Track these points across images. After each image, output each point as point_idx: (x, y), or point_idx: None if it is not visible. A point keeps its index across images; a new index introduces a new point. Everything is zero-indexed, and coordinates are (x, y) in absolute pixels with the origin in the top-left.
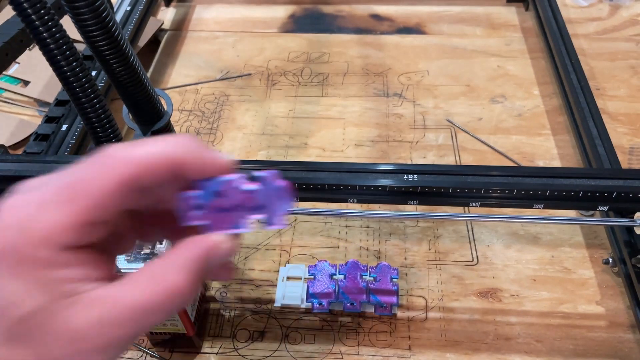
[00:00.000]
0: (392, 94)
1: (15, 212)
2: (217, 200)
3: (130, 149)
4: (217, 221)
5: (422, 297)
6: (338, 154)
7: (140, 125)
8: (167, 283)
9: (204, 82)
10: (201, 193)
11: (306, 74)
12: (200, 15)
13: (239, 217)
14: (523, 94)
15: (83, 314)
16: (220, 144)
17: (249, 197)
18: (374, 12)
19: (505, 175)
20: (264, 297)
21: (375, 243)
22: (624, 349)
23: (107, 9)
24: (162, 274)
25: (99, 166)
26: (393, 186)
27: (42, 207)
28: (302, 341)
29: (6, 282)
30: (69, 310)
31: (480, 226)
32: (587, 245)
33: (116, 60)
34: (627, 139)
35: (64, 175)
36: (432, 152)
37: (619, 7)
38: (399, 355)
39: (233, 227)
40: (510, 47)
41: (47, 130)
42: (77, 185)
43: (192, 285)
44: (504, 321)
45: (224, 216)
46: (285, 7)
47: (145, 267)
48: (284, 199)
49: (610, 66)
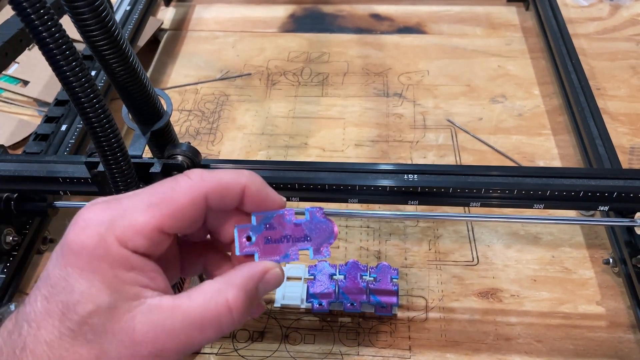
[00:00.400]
0: (392, 93)
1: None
2: (268, 231)
3: (207, 172)
4: (267, 251)
5: (422, 297)
6: (338, 154)
7: (140, 125)
8: (221, 299)
9: (203, 82)
10: (255, 225)
11: (306, 74)
12: (200, 15)
13: (288, 247)
14: (523, 93)
15: (143, 319)
16: (220, 144)
17: (296, 229)
18: (374, 11)
19: (505, 175)
20: (264, 297)
21: (375, 243)
22: (624, 349)
23: (107, 9)
24: (219, 291)
25: (179, 183)
26: (393, 186)
27: (129, 206)
28: (302, 341)
29: (78, 278)
30: (131, 313)
31: (480, 226)
32: (588, 245)
33: (116, 60)
34: (628, 139)
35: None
36: (432, 152)
37: (619, 7)
38: (399, 355)
39: (282, 257)
40: (511, 47)
41: (46, 130)
42: (160, 195)
43: (245, 306)
44: (504, 321)
45: (274, 247)
46: (285, 7)
47: (203, 284)
48: (328, 231)
49: (610, 66)
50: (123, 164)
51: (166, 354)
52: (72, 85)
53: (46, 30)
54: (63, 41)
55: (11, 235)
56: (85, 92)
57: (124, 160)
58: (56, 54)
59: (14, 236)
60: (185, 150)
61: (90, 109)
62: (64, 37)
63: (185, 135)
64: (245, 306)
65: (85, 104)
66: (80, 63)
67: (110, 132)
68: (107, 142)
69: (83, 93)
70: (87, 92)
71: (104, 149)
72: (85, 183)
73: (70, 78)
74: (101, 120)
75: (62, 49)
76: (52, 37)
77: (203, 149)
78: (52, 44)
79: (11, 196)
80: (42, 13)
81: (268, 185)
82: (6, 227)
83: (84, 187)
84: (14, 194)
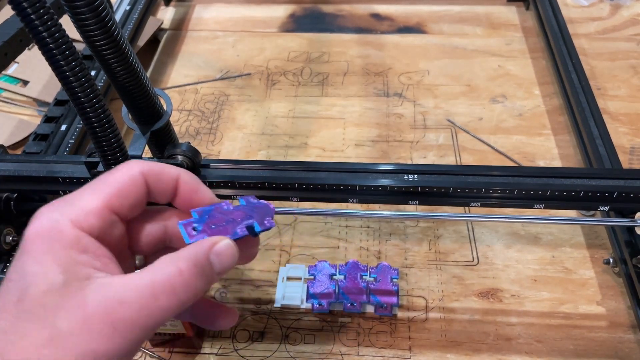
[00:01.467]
0: (393, 93)
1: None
2: (211, 220)
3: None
4: (215, 233)
5: (423, 297)
6: (338, 154)
7: (140, 125)
8: (171, 269)
9: (203, 82)
10: (197, 218)
11: (306, 74)
12: (200, 15)
13: (234, 227)
14: (523, 93)
15: (95, 293)
16: (220, 144)
17: (237, 213)
18: (374, 11)
19: (505, 175)
20: (264, 297)
21: (375, 243)
22: (625, 349)
23: (107, 9)
24: (169, 262)
25: (118, 168)
26: (393, 186)
27: (77, 195)
28: (302, 342)
29: (32, 263)
30: (83, 291)
31: (480, 226)
32: (588, 245)
33: (116, 60)
34: (628, 139)
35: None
36: (433, 152)
37: (619, 6)
38: (399, 355)
39: (232, 236)
40: (511, 46)
41: (46, 130)
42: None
43: (197, 273)
44: (504, 321)
45: (221, 229)
46: (285, 7)
47: (154, 262)
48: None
49: (611, 66)
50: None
51: (122, 326)
52: (72, 85)
53: (46, 30)
54: (63, 41)
55: (11, 235)
56: (85, 92)
57: (124, 161)
58: (56, 54)
59: (14, 236)
60: (185, 150)
61: (90, 109)
62: (63, 37)
63: (185, 135)
64: (198, 273)
65: (85, 104)
66: (80, 63)
67: (110, 132)
68: (107, 142)
69: (83, 93)
70: (87, 92)
71: (104, 149)
72: (85, 183)
73: (70, 78)
74: (101, 120)
75: (62, 49)
76: (52, 37)
77: (203, 149)
78: (52, 43)
79: (11, 196)
80: (42, 13)
81: (202, 183)
82: (6, 227)
83: None
84: (14, 194)
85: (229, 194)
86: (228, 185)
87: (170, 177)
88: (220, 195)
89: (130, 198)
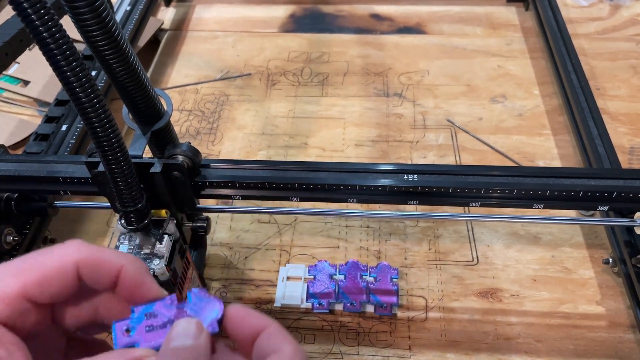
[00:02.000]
0: (392, 93)
1: None
2: (149, 320)
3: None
4: (150, 338)
5: (422, 297)
6: (338, 154)
7: (140, 125)
8: None
9: (203, 82)
10: (134, 316)
11: (306, 74)
12: (200, 15)
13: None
14: (523, 93)
15: None
16: (220, 144)
17: (180, 312)
18: (374, 11)
19: (505, 175)
20: (264, 297)
21: (375, 243)
22: (624, 349)
23: (107, 9)
24: None
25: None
26: (393, 186)
27: None
28: (302, 341)
29: None
30: None
31: (480, 226)
32: (588, 245)
33: (116, 60)
34: (628, 139)
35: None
36: (432, 152)
37: (619, 6)
38: (399, 355)
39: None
40: (511, 47)
41: (47, 130)
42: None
43: None
44: (504, 321)
45: (157, 333)
46: (285, 7)
47: None
48: (212, 308)
49: (610, 66)
50: (123, 164)
51: None
52: (72, 85)
53: (46, 30)
54: (63, 41)
55: (11, 235)
56: (86, 92)
57: (124, 160)
58: (56, 54)
59: (14, 236)
60: (186, 150)
61: (91, 109)
62: (64, 37)
63: (186, 135)
64: None
65: (85, 104)
66: (80, 63)
67: (110, 132)
68: (107, 142)
69: (83, 93)
70: (87, 92)
71: (104, 149)
72: (86, 183)
73: (70, 78)
74: (101, 120)
75: (62, 49)
76: (52, 37)
77: (203, 149)
78: (53, 44)
79: (11, 196)
80: (42, 13)
81: (150, 275)
82: (6, 227)
83: (85, 187)
84: (14, 193)
85: (229, 194)
86: (228, 185)
87: (111, 269)
88: (221, 195)
89: (53, 287)
